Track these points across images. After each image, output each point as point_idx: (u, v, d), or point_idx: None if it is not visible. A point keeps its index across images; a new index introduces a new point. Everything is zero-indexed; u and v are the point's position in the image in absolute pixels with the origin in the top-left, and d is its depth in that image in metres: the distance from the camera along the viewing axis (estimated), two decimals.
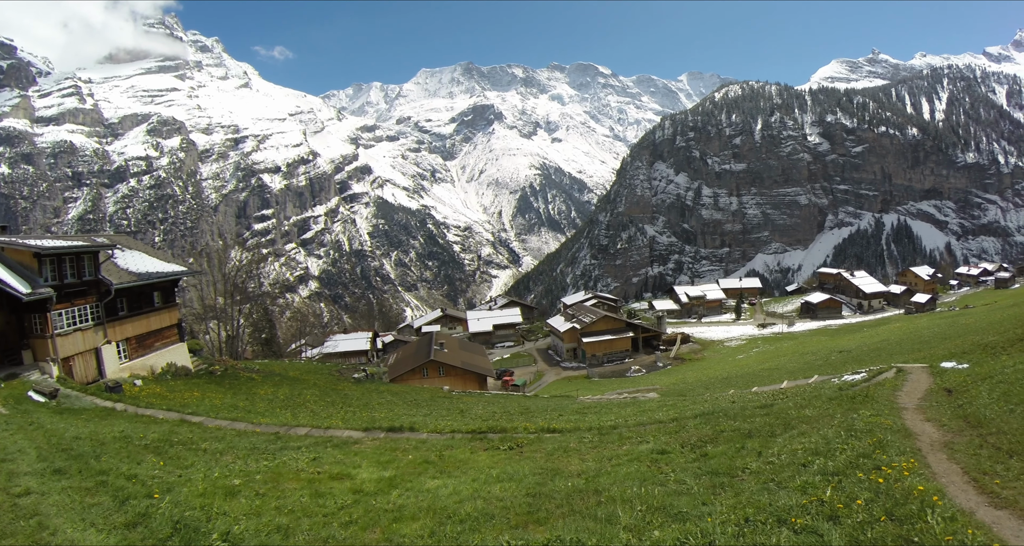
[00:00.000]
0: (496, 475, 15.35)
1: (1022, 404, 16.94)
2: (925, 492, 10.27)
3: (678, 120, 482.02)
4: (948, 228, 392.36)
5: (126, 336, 40.71)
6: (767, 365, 77.79)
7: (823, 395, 24.11)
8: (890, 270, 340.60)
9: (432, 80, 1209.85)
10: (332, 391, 45.63)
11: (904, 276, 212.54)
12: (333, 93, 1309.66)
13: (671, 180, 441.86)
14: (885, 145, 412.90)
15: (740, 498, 11.11)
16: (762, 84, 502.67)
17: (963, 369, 27.47)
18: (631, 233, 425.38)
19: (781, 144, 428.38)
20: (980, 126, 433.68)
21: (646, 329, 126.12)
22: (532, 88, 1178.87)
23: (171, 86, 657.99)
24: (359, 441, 22.14)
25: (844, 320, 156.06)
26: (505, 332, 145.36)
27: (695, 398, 40.25)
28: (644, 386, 73.69)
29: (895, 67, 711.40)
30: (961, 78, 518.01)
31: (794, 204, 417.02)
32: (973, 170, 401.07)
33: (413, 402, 42.87)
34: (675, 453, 16.25)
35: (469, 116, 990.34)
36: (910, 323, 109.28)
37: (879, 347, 69.22)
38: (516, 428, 23.66)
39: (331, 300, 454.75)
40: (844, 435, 15.02)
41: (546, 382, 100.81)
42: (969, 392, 20.78)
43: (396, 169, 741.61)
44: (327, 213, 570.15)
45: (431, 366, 71.64)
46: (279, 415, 30.12)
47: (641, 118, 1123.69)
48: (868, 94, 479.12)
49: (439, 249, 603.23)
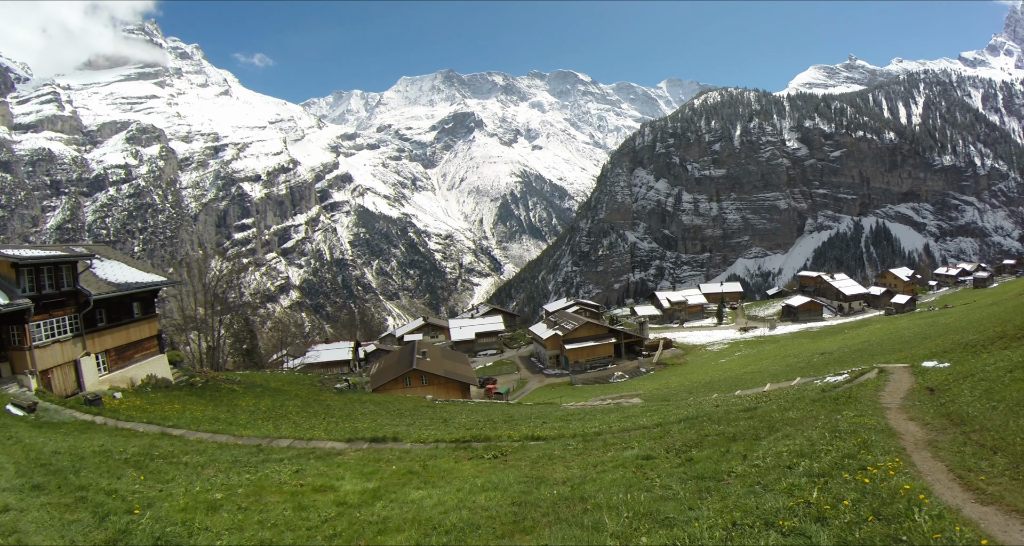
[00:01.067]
0: (481, 484, 15.29)
1: (1004, 401, 17.18)
2: (911, 491, 10.33)
3: (658, 127, 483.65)
4: (926, 230, 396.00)
5: (105, 348, 40.28)
6: (749, 368, 78.19)
7: (806, 397, 24.26)
8: (870, 272, 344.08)
9: (413, 88, 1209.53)
10: (314, 402, 45.37)
11: (884, 278, 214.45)
12: (313, 101, 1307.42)
13: (651, 186, 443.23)
14: (863, 149, 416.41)
15: (727, 502, 11.10)
16: (741, 91, 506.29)
17: (944, 368, 27.79)
18: (612, 239, 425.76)
19: (760, 150, 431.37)
20: (956, 129, 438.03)
21: (628, 335, 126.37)
22: (512, 96, 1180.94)
23: (150, 93, 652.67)
24: (342, 452, 22.02)
25: (825, 322, 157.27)
26: (487, 340, 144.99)
27: (679, 403, 40.44)
28: (627, 392, 73.85)
29: (872, 73, 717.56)
30: (937, 83, 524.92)
31: (774, 209, 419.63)
32: (950, 172, 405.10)
33: (396, 412, 42.73)
34: (660, 458, 16.27)
35: (450, 124, 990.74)
36: (890, 324, 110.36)
37: (860, 348, 69.78)
38: (500, 436, 23.61)
39: (312, 310, 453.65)
40: (829, 436, 15.10)
41: (529, 389, 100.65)
42: (951, 390, 21.11)
43: (377, 177, 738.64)
44: (308, 222, 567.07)
45: (414, 375, 71.47)
46: (261, 427, 29.92)
47: (621, 125, 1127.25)
48: (846, 99, 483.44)
49: (420, 257, 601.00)
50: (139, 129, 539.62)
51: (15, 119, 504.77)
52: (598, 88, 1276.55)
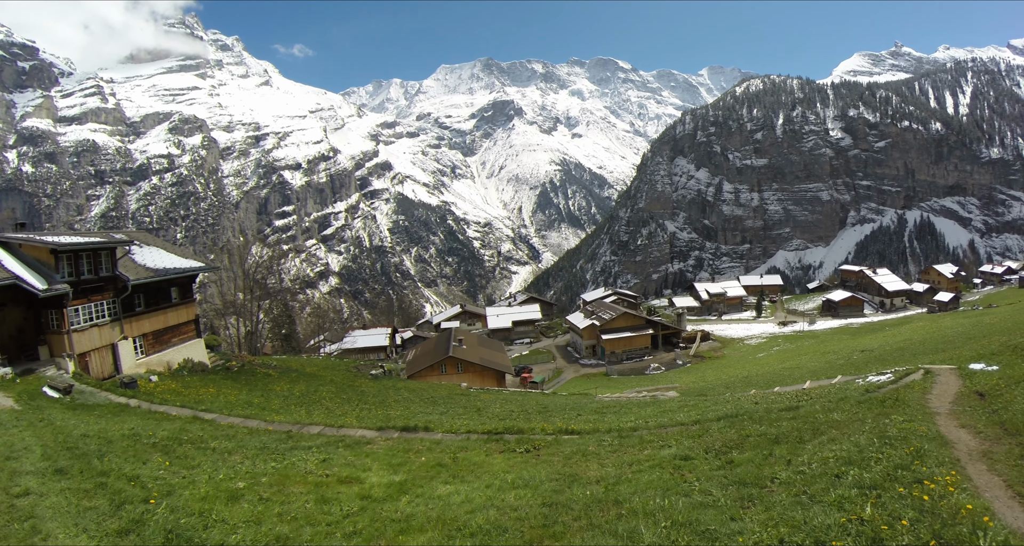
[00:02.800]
0: (511, 481, 14.86)
1: None
2: (974, 511, 9.56)
3: (699, 115, 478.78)
4: (971, 225, 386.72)
5: (143, 332, 40.71)
6: (788, 364, 77.03)
7: (850, 398, 23.32)
8: (912, 268, 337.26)
9: (452, 76, 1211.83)
10: (348, 388, 45.42)
11: (927, 274, 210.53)
12: (353, 90, 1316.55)
13: (692, 175, 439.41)
14: (908, 140, 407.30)
15: (771, 513, 10.47)
16: (783, 78, 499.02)
17: (993, 371, 26.67)
18: (651, 229, 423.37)
19: (803, 139, 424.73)
20: (1005, 121, 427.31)
21: (666, 326, 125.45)
22: (552, 83, 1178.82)
23: (192, 85, 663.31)
24: (372, 441, 21.77)
25: (866, 318, 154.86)
26: (524, 328, 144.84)
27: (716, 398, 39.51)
28: (663, 384, 73.08)
29: (918, 60, 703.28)
30: (985, 71, 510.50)
31: (816, 200, 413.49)
32: (997, 166, 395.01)
33: (430, 400, 42.58)
34: (699, 459, 15.66)
35: (489, 112, 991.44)
36: (933, 322, 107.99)
37: (902, 347, 68.33)
38: (533, 429, 23.22)
39: (351, 296, 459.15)
40: (877, 443, 14.35)
41: (565, 379, 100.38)
42: (1003, 396, 20.00)
43: (416, 165, 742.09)
44: (347, 209, 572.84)
45: (449, 362, 71.62)
46: (293, 412, 29.91)
47: (661, 113, 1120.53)
48: (891, 88, 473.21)
49: (459, 245, 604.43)
50: (181, 120, 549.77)
51: (60, 112, 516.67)
52: (638, 75, 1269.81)
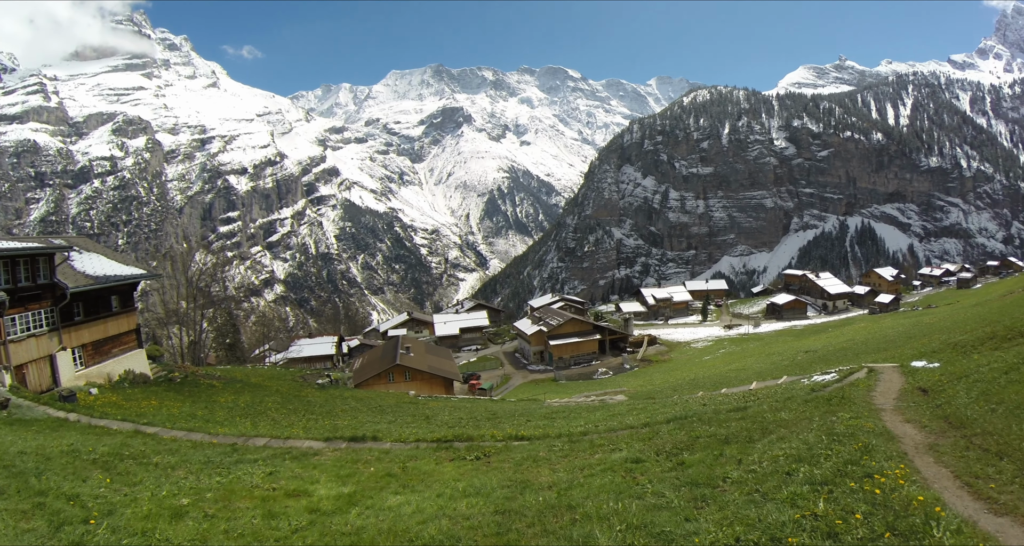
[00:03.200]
0: (462, 489, 14.68)
1: (1003, 404, 16.83)
2: (926, 502, 9.83)
3: (646, 124, 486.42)
4: (911, 230, 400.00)
5: (82, 342, 39.48)
6: (734, 366, 78.00)
7: (797, 397, 23.85)
8: (854, 271, 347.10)
9: (402, 82, 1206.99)
10: (295, 398, 44.76)
11: (868, 277, 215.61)
12: (302, 94, 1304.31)
13: (639, 183, 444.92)
14: (850, 149, 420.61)
15: (726, 512, 10.51)
16: (730, 89, 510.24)
17: (935, 368, 27.58)
18: (598, 236, 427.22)
19: (748, 148, 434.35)
20: (943, 131, 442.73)
21: (613, 331, 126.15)
22: (502, 91, 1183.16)
23: (138, 84, 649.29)
24: (319, 452, 21.39)
25: (809, 320, 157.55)
26: (472, 335, 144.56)
27: (665, 401, 39.91)
28: (612, 388, 73.55)
29: (861, 74, 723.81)
30: (926, 85, 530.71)
31: (760, 207, 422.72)
32: (936, 174, 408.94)
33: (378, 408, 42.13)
34: (650, 462, 15.69)
35: (438, 118, 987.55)
36: (875, 323, 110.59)
37: (846, 347, 69.80)
38: (483, 436, 23.04)
39: (297, 304, 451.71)
40: (826, 440, 14.64)
41: (513, 385, 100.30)
42: (945, 392, 20.74)
43: (364, 171, 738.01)
44: (294, 215, 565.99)
45: (397, 370, 70.91)
46: (238, 424, 29.32)
47: (610, 122, 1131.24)
48: (834, 100, 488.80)
49: (406, 252, 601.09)
50: (125, 121, 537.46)
51: (0, 110, 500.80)
52: (588, 84, 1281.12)
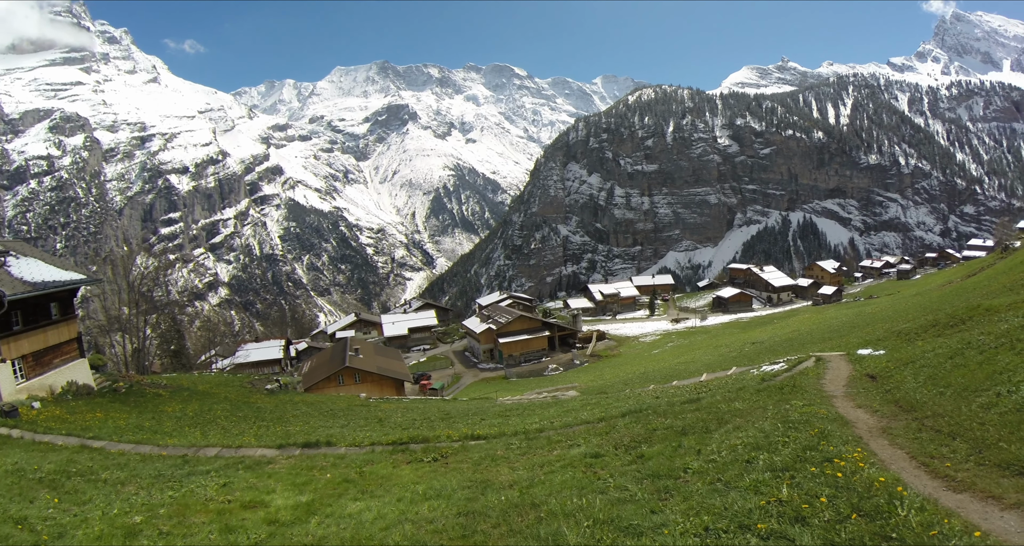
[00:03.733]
0: (423, 492, 14.55)
1: (951, 387, 17.31)
2: (887, 483, 10.03)
3: (592, 122, 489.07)
4: (851, 225, 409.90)
5: (22, 353, 38.07)
6: (683, 359, 79.05)
7: (749, 387, 24.31)
8: (797, 265, 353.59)
9: (347, 78, 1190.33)
10: (244, 405, 43.89)
11: (811, 270, 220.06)
12: (245, 90, 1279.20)
13: (584, 180, 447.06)
14: (792, 147, 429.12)
15: (691, 503, 10.59)
16: (675, 88, 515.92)
17: (881, 355, 28.33)
18: (544, 233, 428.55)
19: (692, 146, 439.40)
20: (883, 130, 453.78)
21: (562, 328, 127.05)
22: (448, 88, 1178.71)
23: (76, 79, 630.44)
24: (273, 460, 20.93)
25: (755, 313, 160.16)
26: (421, 335, 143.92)
27: (617, 395, 40.06)
28: (563, 384, 73.93)
29: (803, 74, 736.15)
30: (865, 86, 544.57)
31: (704, 203, 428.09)
32: (875, 171, 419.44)
33: (329, 413, 41.65)
34: (609, 456, 15.79)
35: (383, 116, 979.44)
36: (819, 314, 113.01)
37: (792, 337, 71.23)
38: (439, 436, 22.92)
39: (242, 307, 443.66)
40: (782, 427, 14.90)
41: (464, 384, 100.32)
42: (893, 377, 21.31)
43: (308, 170, 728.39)
44: (237, 216, 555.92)
45: (346, 373, 70.38)
46: (188, 434, 28.61)
47: (555, 120, 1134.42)
48: (777, 99, 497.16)
49: (352, 252, 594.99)
50: (63, 117, 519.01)
51: None
52: (534, 83, 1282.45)
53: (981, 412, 14.05)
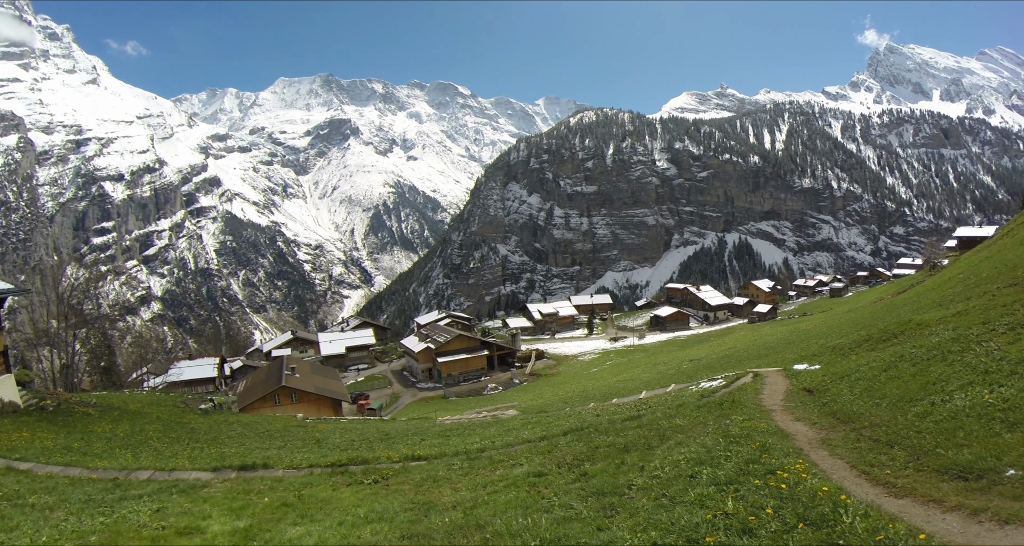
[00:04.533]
0: (364, 515, 14.18)
1: (886, 398, 17.70)
2: (830, 492, 10.21)
3: (533, 143, 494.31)
4: (786, 245, 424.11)
5: None
6: (622, 377, 79.45)
7: (688, 403, 24.46)
8: (733, 284, 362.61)
9: (290, 90, 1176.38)
10: (177, 425, 42.68)
11: (746, 289, 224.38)
12: (185, 97, 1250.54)
13: (524, 201, 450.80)
14: (729, 171, 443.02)
15: (637, 519, 10.57)
16: (616, 111, 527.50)
17: (816, 370, 28.74)
18: (484, 252, 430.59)
19: (631, 168, 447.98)
20: (816, 155, 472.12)
21: (501, 347, 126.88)
22: (391, 104, 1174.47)
23: (13, 76, 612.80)
24: (208, 484, 20.40)
25: (692, 331, 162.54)
26: (358, 354, 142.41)
27: (558, 413, 40.12)
28: (503, 404, 73.70)
29: (741, 101, 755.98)
30: (801, 113, 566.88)
31: (642, 224, 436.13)
32: (809, 194, 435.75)
33: (266, 434, 40.86)
34: (553, 475, 15.77)
35: (325, 130, 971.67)
36: (755, 331, 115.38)
37: (728, 354, 72.06)
38: (379, 458, 22.61)
39: (175, 323, 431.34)
40: (723, 442, 15.09)
41: (403, 404, 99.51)
42: (830, 391, 21.64)
43: (247, 182, 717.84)
44: (172, 228, 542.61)
45: (283, 393, 69.08)
46: (119, 457, 27.64)
47: (497, 139, 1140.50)
48: (715, 124, 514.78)
49: (289, 268, 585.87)
50: None
51: None
52: (477, 102, 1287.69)
53: (917, 421, 14.47)
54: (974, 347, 19.82)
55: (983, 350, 18.99)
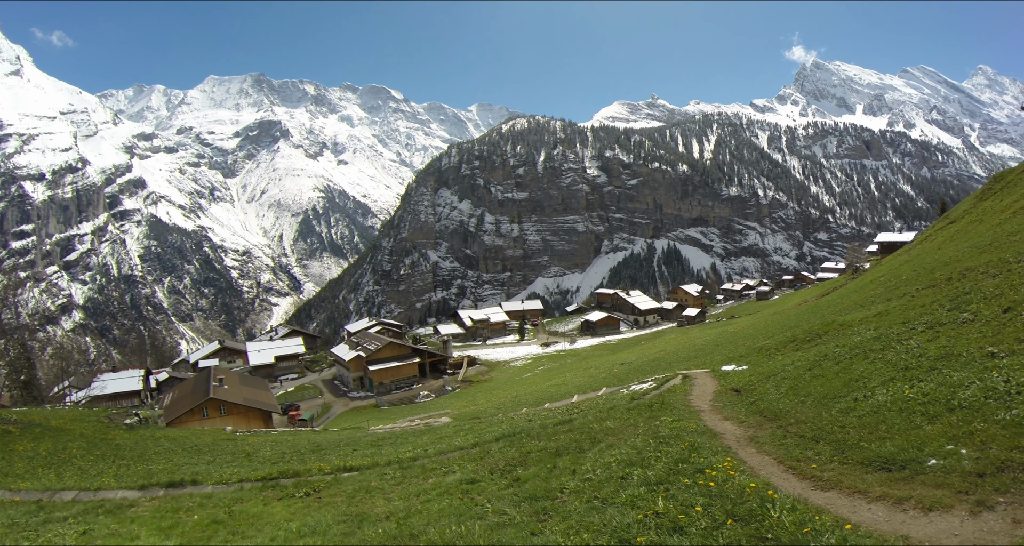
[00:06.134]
0: (297, 530, 14.11)
1: (811, 396, 18.33)
2: (758, 488, 10.47)
3: (465, 149, 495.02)
4: (713, 251, 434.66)
5: None
6: (555, 381, 79.73)
7: (619, 406, 24.83)
8: (662, 289, 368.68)
9: (220, 89, 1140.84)
10: (102, 442, 41.42)
11: (675, 293, 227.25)
12: (111, 92, 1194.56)
13: (455, 207, 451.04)
14: (658, 179, 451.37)
15: (570, 522, 10.72)
16: (548, 119, 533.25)
17: (744, 370, 29.64)
18: (414, 258, 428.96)
19: (562, 175, 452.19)
20: (743, 165, 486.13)
21: (432, 354, 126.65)
22: (322, 107, 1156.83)
23: None
24: (135, 503, 19.96)
25: (623, 335, 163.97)
26: (288, 363, 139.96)
27: (490, 420, 40.30)
28: (436, 411, 73.62)
29: (671, 111, 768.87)
30: (729, 124, 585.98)
31: (572, 231, 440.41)
32: (735, 201, 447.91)
33: (194, 448, 40.02)
34: (486, 481, 15.88)
35: (255, 131, 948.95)
36: (684, 334, 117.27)
37: (659, 357, 72.89)
38: (310, 470, 22.54)
39: (98, 333, 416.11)
40: (653, 443, 15.33)
41: (335, 414, 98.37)
42: (757, 390, 22.39)
43: (173, 185, 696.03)
44: (94, 231, 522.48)
45: (211, 405, 67.54)
46: (42, 477, 26.84)
47: (429, 145, 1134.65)
48: (645, 134, 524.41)
49: (216, 275, 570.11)
50: None
51: None
52: (409, 106, 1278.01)
53: (841, 416, 14.97)
54: (895, 345, 20.63)
55: (903, 348, 19.76)
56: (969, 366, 15.11)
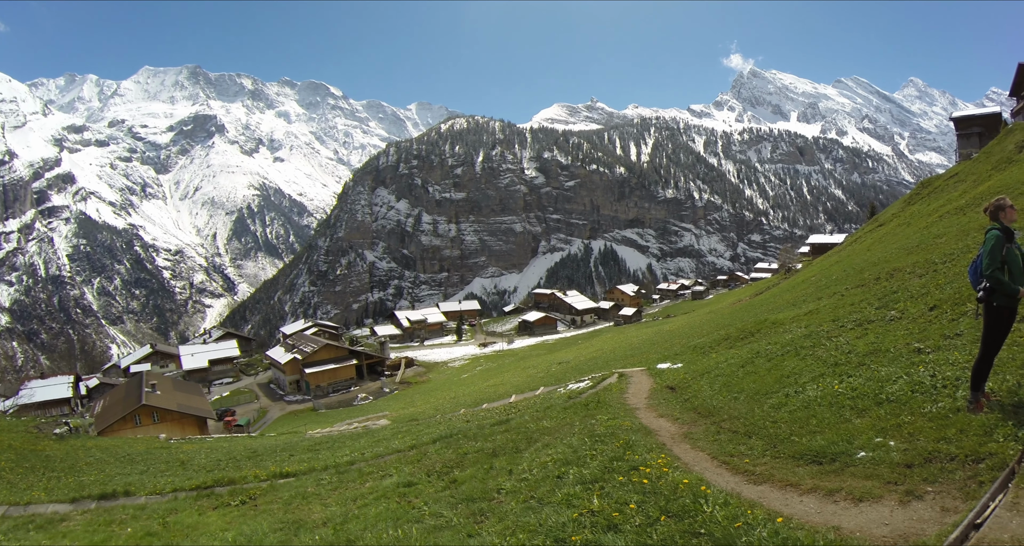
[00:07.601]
0: (232, 539, 13.67)
1: (743, 392, 18.72)
2: (691, 484, 10.59)
3: (403, 148, 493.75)
4: (649, 252, 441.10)
5: None
6: (493, 382, 79.79)
7: (556, 405, 24.96)
8: (599, 289, 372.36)
9: (154, 80, 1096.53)
10: (31, 454, 40.14)
11: (612, 293, 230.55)
12: (42, 81, 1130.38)
13: (392, 206, 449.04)
14: (595, 181, 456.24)
15: (506, 523, 10.69)
16: (487, 120, 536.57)
17: (679, 368, 30.00)
18: (351, 259, 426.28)
19: (500, 176, 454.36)
20: (679, 168, 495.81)
21: (370, 355, 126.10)
22: (260, 102, 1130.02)
23: None
24: (67, 517, 19.40)
25: (560, 335, 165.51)
26: (222, 367, 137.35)
27: (428, 421, 40.01)
28: (374, 413, 73.25)
29: (610, 115, 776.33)
30: (666, 128, 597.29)
31: (510, 231, 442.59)
32: (672, 203, 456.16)
33: (127, 458, 39.13)
34: (423, 484, 15.71)
35: (189, 126, 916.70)
36: (621, 334, 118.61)
37: (596, 356, 73.38)
38: (246, 477, 21.87)
39: (25, 338, 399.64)
40: (589, 441, 15.41)
41: (271, 418, 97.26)
42: (691, 387, 22.75)
43: (103, 180, 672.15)
44: (21, 229, 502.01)
45: (143, 412, 66.17)
46: None
47: (367, 143, 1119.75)
48: (584, 136, 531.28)
49: (147, 276, 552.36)
50: None
51: None
52: (348, 104, 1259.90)
53: (773, 412, 15.29)
54: (825, 342, 21.26)
55: (833, 345, 20.33)
56: (897, 361, 15.60)
